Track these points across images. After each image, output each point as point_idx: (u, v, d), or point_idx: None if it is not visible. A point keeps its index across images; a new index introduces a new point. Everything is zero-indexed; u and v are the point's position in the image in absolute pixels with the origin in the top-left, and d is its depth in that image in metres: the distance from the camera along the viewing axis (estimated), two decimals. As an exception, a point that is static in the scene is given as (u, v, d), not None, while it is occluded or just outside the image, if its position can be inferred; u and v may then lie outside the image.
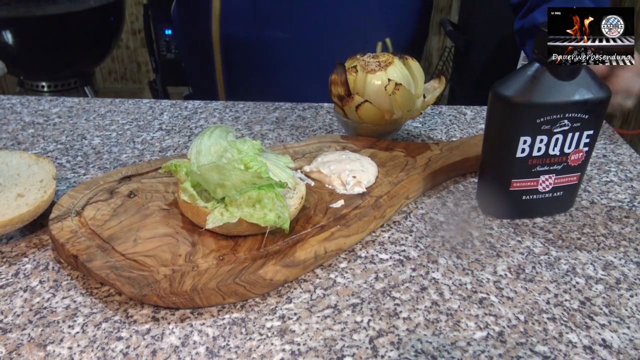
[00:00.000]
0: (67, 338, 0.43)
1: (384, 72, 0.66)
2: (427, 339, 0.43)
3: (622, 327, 0.45)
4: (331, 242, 0.51)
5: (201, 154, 0.54)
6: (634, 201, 0.62)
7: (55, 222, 0.52)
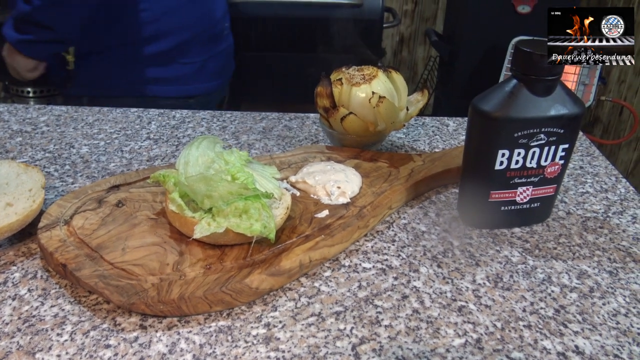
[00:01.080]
0: (55, 346, 0.44)
1: (369, 85, 0.68)
2: (408, 346, 0.45)
3: (595, 334, 0.47)
4: (316, 252, 0.52)
5: (189, 165, 0.55)
6: (608, 212, 0.64)
7: (44, 231, 0.53)
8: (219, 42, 1.18)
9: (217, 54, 1.18)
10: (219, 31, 1.17)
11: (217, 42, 1.17)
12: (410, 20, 2.57)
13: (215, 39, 1.16)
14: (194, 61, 1.13)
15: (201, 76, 1.16)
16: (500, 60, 1.88)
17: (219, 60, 1.20)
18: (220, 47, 1.19)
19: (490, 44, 1.98)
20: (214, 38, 1.16)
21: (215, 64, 1.19)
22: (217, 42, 1.17)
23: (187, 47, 1.11)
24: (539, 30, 1.79)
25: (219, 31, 1.17)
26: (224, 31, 1.21)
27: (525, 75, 0.53)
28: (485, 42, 1.99)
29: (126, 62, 1.09)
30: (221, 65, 1.22)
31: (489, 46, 1.99)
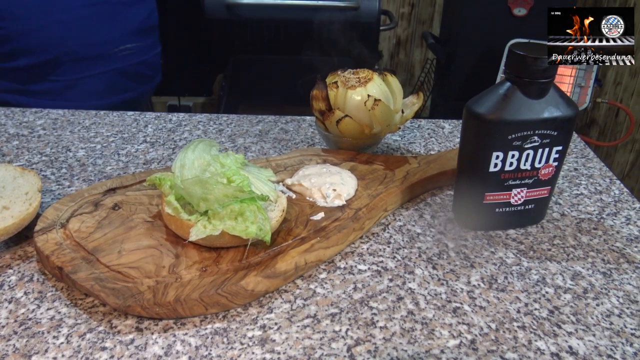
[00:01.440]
0: (51, 348, 0.44)
1: (364, 88, 0.68)
2: (403, 347, 0.45)
3: (588, 334, 0.47)
4: (311, 254, 0.52)
5: (185, 168, 0.55)
6: (602, 213, 0.65)
7: (40, 234, 0.53)
8: (101, 62, 1.18)
9: (99, 74, 1.19)
10: (104, 52, 1.17)
11: (97, 63, 1.18)
12: (407, 23, 2.58)
13: (95, 59, 1.17)
14: (63, 79, 1.15)
15: (73, 94, 1.17)
16: (496, 62, 1.89)
17: (101, 81, 1.20)
18: (106, 68, 1.19)
19: (487, 46, 1.99)
20: (93, 58, 1.17)
21: (95, 84, 1.19)
22: (97, 62, 1.17)
23: (52, 65, 1.13)
24: (535, 32, 1.80)
25: (104, 52, 1.17)
26: (119, 52, 1.20)
27: (518, 77, 0.53)
28: (481, 45, 2.00)
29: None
30: (107, 85, 1.21)
31: (485, 49, 2.00)
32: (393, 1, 2.52)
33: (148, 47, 1.28)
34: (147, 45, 1.27)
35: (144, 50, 1.26)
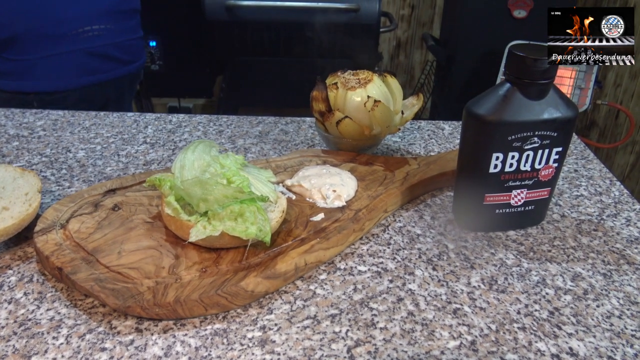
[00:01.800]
0: (51, 349, 0.44)
1: (364, 89, 0.68)
2: (403, 348, 0.45)
3: (589, 336, 0.47)
4: (311, 255, 0.52)
5: (185, 169, 0.55)
6: (602, 214, 0.65)
7: (40, 235, 0.53)
8: (66, 42, 1.17)
9: (65, 53, 1.18)
10: (68, 31, 1.16)
11: (61, 42, 1.17)
12: (407, 24, 2.58)
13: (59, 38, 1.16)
14: (24, 58, 1.14)
15: (38, 74, 1.16)
16: (496, 64, 1.89)
17: (66, 61, 1.19)
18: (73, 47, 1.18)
19: (487, 48, 1.99)
20: (57, 37, 1.16)
21: (60, 64, 1.18)
22: (61, 41, 1.17)
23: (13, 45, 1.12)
24: (535, 34, 1.80)
25: (68, 31, 1.16)
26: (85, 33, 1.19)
27: (518, 79, 0.53)
28: (481, 47, 2.00)
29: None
30: (73, 65, 1.20)
31: (485, 50, 2.00)
32: (393, 3, 2.53)
33: (121, 30, 1.26)
34: (119, 29, 1.25)
35: (115, 33, 1.24)
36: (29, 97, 1.16)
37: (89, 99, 1.24)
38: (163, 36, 2.02)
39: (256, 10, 1.87)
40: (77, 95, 1.22)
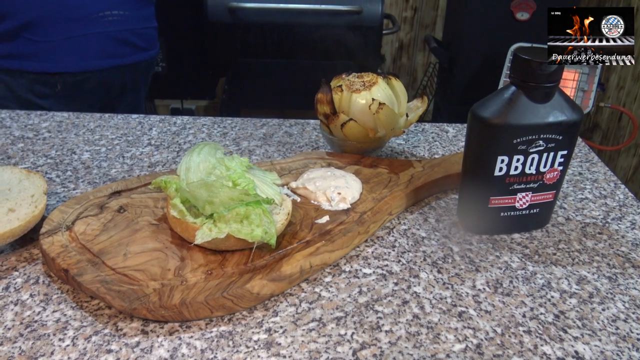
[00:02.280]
0: (57, 351, 0.44)
1: (368, 92, 0.69)
2: (409, 351, 0.45)
3: (594, 339, 0.47)
4: (316, 257, 0.52)
5: (190, 171, 0.55)
6: (607, 217, 0.65)
7: (46, 237, 0.53)
8: (88, 24, 1.21)
9: (88, 35, 1.22)
10: (89, 14, 1.21)
11: (84, 25, 1.21)
12: (409, 26, 2.59)
13: (80, 21, 1.20)
14: (47, 39, 1.17)
15: (61, 55, 1.20)
16: (499, 66, 1.89)
17: (88, 42, 1.23)
18: (95, 30, 1.23)
19: (490, 50, 1.99)
20: (78, 20, 1.20)
21: (83, 45, 1.22)
22: (83, 24, 1.21)
23: (37, 27, 1.16)
24: (538, 36, 1.80)
25: (89, 14, 1.21)
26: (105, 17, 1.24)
27: (523, 82, 0.53)
28: (484, 49, 2.00)
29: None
30: (98, 46, 1.25)
31: (488, 53, 2.00)
32: (396, 5, 2.53)
33: (138, 17, 1.30)
34: (137, 16, 1.29)
35: (132, 19, 1.28)
36: (53, 78, 1.20)
37: (109, 84, 1.29)
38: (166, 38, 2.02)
39: (259, 12, 1.88)
40: (97, 78, 1.26)
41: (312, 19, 1.89)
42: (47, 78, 1.20)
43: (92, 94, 1.28)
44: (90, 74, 1.25)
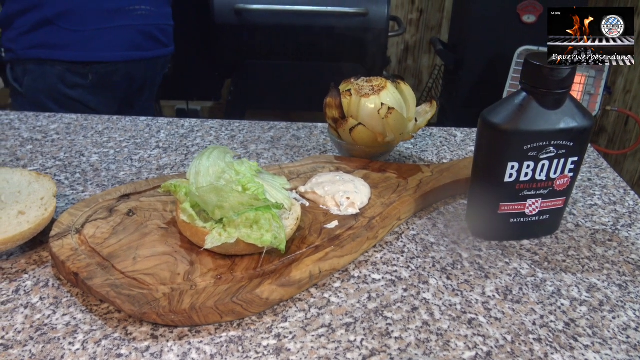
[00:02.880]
0: (67, 355, 0.44)
1: (377, 96, 0.68)
2: (419, 358, 0.45)
3: (605, 348, 0.47)
4: (325, 262, 0.52)
5: (200, 175, 0.55)
6: (617, 224, 0.65)
7: (55, 240, 0.53)
8: (119, 17, 1.27)
9: (119, 27, 1.27)
10: (122, 7, 1.26)
11: (116, 17, 1.26)
12: (415, 29, 2.59)
13: (112, 13, 1.25)
14: (82, 29, 1.22)
15: (94, 44, 1.25)
16: (505, 69, 1.89)
17: (123, 34, 1.28)
18: (126, 22, 1.28)
19: (496, 53, 1.99)
20: (110, 12, 1.25)
21: (117, 36, 1.27)
22: (116, 16, 1.26)
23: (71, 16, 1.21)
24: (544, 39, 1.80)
25: (122, 7, 1.26)
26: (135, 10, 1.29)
27: (535, 88, 0.53)
28: (490, 51, 2.00)
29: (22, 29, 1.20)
30: (128, 38, 1.30)
31: (494, 55, 2.00)
32: (402, 7, 2.53)
33: (161, 14, 1.35)
34: (159, 13, 1.35)
35: (157, 15, 1.34)
36: (85, 68, 1.24)
37: (132, 76, 1.34)
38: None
39: (265, 14, 1.88)
40: (124, 70, 1.30)
41: (318, 21, 1.89)
42: (79, 68, 1.24)
43: (117, 87, 1.32)
44: (119, 65, 1.29)
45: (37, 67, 1.22)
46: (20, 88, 1.25)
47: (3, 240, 0.52)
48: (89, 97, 1.28)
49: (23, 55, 1.22)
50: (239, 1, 1.84)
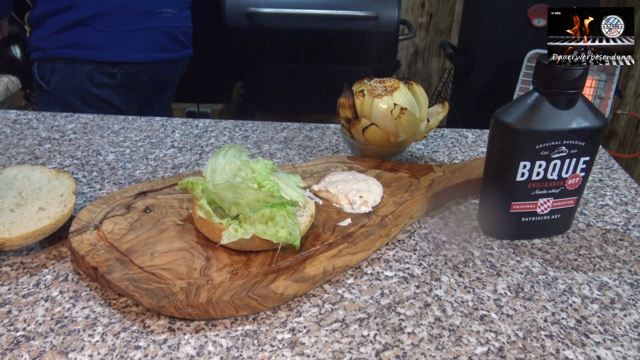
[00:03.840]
0: (87, 346, 0.45)
1: (390, 97, 0.69)
2: (431, 353, 0.45)
3: (616, 344, 0.47)
4: (339, 259, 0.53)
5: (216, 172, 0.56)
6: (628, 224, 0.65)
7: (75, 235, 0.55)
8: (148, 19, 1.31)
9: (147, 29, 1.32)
10: (151, 9, 1.31)
11: (145, 19, 1.31)
12: (425, 32, 2.59)
13: (141, 15, 1.30)
14: (114, 30, 1.27)
15: (123, 45, 1.29)
16: (515, 72, 1.89)
17: (150, 35, 1.33)
18: (153, 24, 1.33)
19: (506, 56, 1.99)
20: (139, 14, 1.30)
21: (145, 37, 1.32)
22: (144, 18, 1.31)
23: (103, 17, 1.26)
24: (555, 43, 1.80)
25: (151, 9, 1.31)
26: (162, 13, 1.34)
27: (547, 88, 0.53)
28: (500, 55, 2.00)
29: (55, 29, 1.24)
30: (155, 40, 1.34)
31: (504, 59, 2.00)
32: (412, 11, 2.54)
33: (183, 17, 1.40)
34: (182, 16, 1.40)
35: (180, 18, 1.39)
36: (114, 68, 1.29)
37: (156, 77, 1.38)
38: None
39: (276, 17, 1.89)
40: (150, 70, 1.35)
41: (329, 24, 1.90)
42: (108, 68, 1.28)
43: (142, 87, 1.37)
44: (146, 66, 1.34)
45: (66, 66, 1.26)
46: (47, 86, 1.28)
47: (24, 235, 0.53)
48: (115, 97, 1.32)
49: (53, 54, 1.26)
50: (250, 4, 1.86)
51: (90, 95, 1.29)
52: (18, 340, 0.45)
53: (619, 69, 1.84)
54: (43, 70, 1.28)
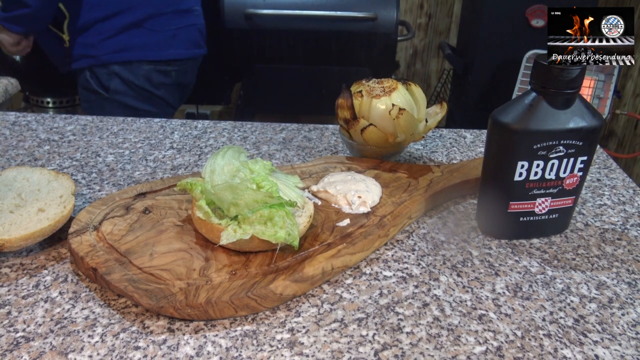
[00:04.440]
0: (87, 347, 0.45)
1: (388, 97, 0.70)
2: (430, 352, 0.46)
3: (614, 343, 0.47)
4: (338, 259, 0.53)
5: (215, 173, 0.56)
6: (626, 224, 0.65)
7: (74, 236, 0.55)
8: (187, 17, 1.37)
9: (187, 26, 1.38)
10: (186, 8, 1.37)
11: (185, 17, 1.37)
12: (424, 33, 2.59)
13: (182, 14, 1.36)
14: (164, 29, 1.32)
15: (174, 43, 1.35)
16: (514, 73, 1.89)
17: (190, 33, 1.39)
18: (190, 22, 1.39)
19: (504, 57, 1.99)
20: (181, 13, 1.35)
21: (187, 35, 1.38)
22: (185, 16, 1.37)
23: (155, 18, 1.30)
24: (553, 44, 1.80)
25: (186, 8, 1.37)
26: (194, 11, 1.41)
27: (544, 88, 0.54)
28: (499, 56, 2.00)
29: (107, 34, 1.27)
30: (193, 37, 1.41)
31: (502, 59, 2.00)
32: (410, 12, 2.54)
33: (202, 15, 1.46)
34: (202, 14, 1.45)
35: (202, 16, 1.45)
36: (169, 65, 1.35)
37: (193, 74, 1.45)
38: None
39: (275, 18, 1.89)
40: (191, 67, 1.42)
41: (328, 26, 1.91)
42: (164, 66, 1.34)
43: (187, 84, 1.43)
44: (189, 63, 1.40)
45: (124, 69, 1.29)
46: (107, 93, 1.30)
47: (23, 237, 0.53)
48: (170, 96, 1.37)
49: (107, 59, 1.28)
50: (249, 6, 1.86)
51: (152, 96, 1.33)
52: (18, 341, 0.45)
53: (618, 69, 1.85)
54: (99, 78, 1.30)
